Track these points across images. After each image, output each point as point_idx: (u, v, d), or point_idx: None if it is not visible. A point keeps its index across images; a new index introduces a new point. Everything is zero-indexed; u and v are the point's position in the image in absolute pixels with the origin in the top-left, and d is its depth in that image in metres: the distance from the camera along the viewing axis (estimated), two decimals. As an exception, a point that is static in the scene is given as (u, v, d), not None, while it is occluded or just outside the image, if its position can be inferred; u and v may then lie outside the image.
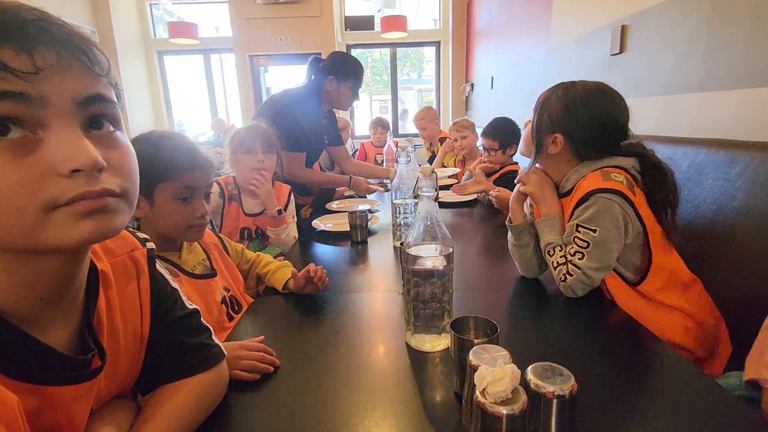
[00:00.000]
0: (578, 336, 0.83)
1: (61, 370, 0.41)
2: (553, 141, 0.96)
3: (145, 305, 0.54)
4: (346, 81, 1.86)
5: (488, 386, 0.46)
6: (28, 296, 0.39)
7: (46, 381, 0.39)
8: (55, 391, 0.40)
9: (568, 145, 0.95)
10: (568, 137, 0.95)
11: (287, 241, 1.42)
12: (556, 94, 0.97)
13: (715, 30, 1.39)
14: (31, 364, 0.38)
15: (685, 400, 0.62)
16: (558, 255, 0.93)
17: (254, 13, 4.63)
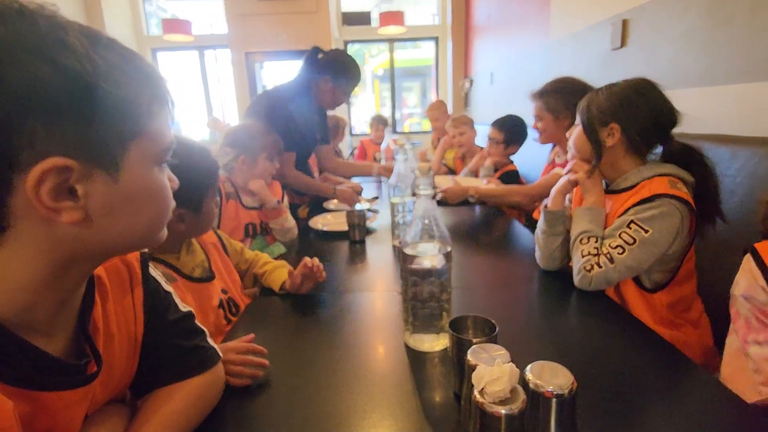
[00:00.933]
0: (578, 335, 0.82)
1: (57, 375, 0.41)
2: (609, 133, 0.97)
3: (139, 309, 0.53)
4: (342, 83, 1.82)
5: (487, 385, 0.45)
6: (51, 300, 0.40)
7: (42, 386, 0.39)
8: (50, 397, 0.39)
9: (624, 135, 0.96)
10: (624, 127, 0.95)
11: (291, 229, 1.46)
12: (601, 92, 0.99)
13: (714, 24, 1.38)
14: (27, 369, 0.38)
15: (689, 399, 0.61)
16: (591, 245, 0.93)
17: (249, 8, 4.60)
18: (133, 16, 5.15)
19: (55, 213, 0.34)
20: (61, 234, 0.36)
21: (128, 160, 0.38)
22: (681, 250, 0.92)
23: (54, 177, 0.33)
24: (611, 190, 1.02)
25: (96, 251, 0.41)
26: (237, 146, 1.41)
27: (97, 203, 0.36)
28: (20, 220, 0.34)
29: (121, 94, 0.36)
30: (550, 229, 1.04)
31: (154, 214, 0.42)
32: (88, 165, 0.35)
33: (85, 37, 0.35)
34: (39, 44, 0.32)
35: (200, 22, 5.07)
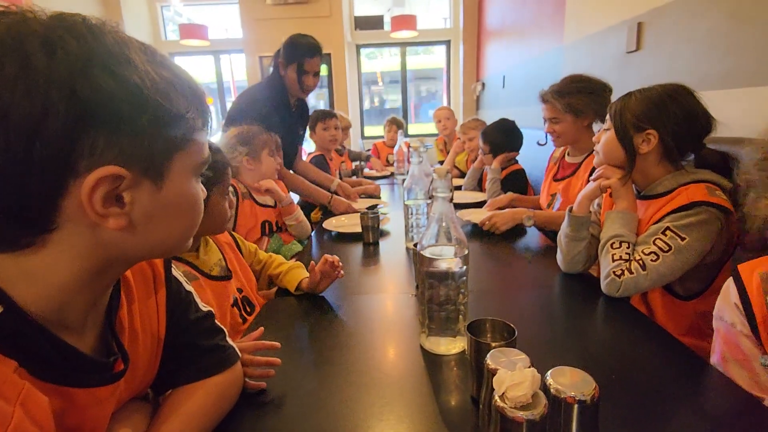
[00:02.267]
0: (599, 342, 0.81)
1: (88, 372, 0.42)
2: (644, 139, 0.94)
3: (162, 309, 0.54)
4: (301, 62, 1.71)
5: (508, 390, 0.45)
6: (85, 300, 0.41)
7: (73, 383, 0.40)
8: (80, 393, 0.40)
9: (661, 142, 0.93)
10: (661, 133, 0.93)
11: (303, 222, 1.53)
12: (635, 97, 0.96)
13: (738, 24, 1.36)
14: (60, 366, 0.39)
15: (716, 411, 0.60)
16: (623, 249, 0.91)
17: (264, 14, 4.65)
18: (152, 22, 5.25)
19: (102, 218, 0.36)
20: (103, 238, 0.37)
21: (172, 171, 0.39)
22: (719, 258, 0.89)
23: (107, 184, 0.35)
24: (644, 195, 0.99)
25: (132, 256, 0.42)
26: (239, 148, 1.43)
27: (140, 210, 0.38)
28: (68, 223, 0.36)
29: (172, 109, 0.38)
30: (574, 234, 1.03)
31: (189, 222, 0.44)
32: (137, 174, 0.37)
33: (144, 53, 0.37)
34: (106, 59, 0.34)
35: (216, 27, 5.15)
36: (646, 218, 0.96)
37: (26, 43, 0.32)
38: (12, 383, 0.34)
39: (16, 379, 0.34)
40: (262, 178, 1.48)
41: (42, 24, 0.33)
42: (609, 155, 1.01)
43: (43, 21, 0.33)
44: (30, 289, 0.36)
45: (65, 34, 0.33)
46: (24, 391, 0.34)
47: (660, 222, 0.90)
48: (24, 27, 0.32)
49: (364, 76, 5.58)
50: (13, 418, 0.32)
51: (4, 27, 0.32)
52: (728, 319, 0.66)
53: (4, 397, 0.32)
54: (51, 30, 0.33)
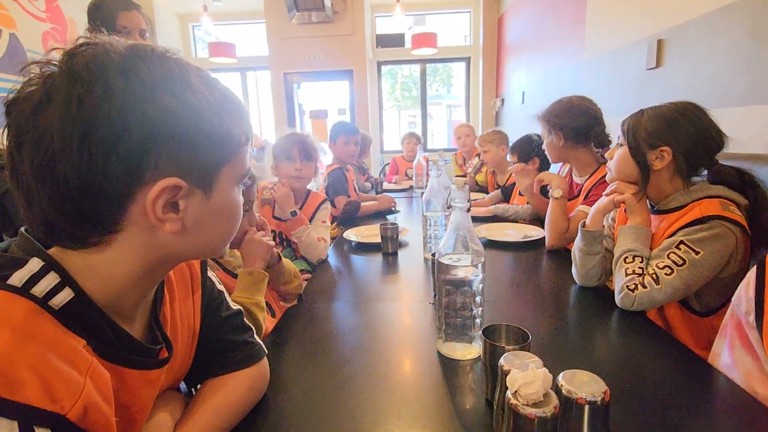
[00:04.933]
0: (614, 352, 0.82)
1: (140, 355, 0.47)
2: (657, 156, 0.96)
3: (197, 307, 0.60)
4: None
5: (520, 388, 0.47)
6: (138, 293, 0.47)
7: (128, 364, 0.45)
8: (133, 374, 0.45)
9: (674, 159, 0.95)
10: (674, 150, 0.94)
11: (311, 243, 1.41)
12: (647, 115, 0.98)
13: (758, 42, 1.36)
14: (117, 348, 0.44)
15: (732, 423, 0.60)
16: (636, 264, 0.92)
17: (289, 32, 4.83)
18: (183, 40, 5.52)
19: (161, 222, 0.41)
20: (158, 241, 0.43)
21: (219, 182, 0.45)
22: (736, 273, 0.89)
23: (167, 193, 0.40)
24: (658, 210, 1.00)
25: (181, 256, 0.48)
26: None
27: (191, 216, 0.43)
28: (131, 226, 0.41)
29: (224, 127, 0.43)
30: (587, 248, 1.04)
31: (231, 227, 0.49)
32: (192, 185, 0.42)
33: (200, 77, 0.43)
34: (170, 83, 0.40)
35: (243, 46, 5.37)
36: (659, 233, 0.97)
37: (109, 70, 0.37)
38: (83, 358, 0.38)
39: (86, 354, 0.39)
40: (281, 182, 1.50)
41: (119, 54, 0.39)
42: (622, 171, 1.02)
43: (120, 51, 0.39)
44: (94, 281, 0.42)
45: (138, 62, 0.39)
46: (92, 366, 0.39)
47: (673, 236, 0.90)
48: (106, 57, 0.38)
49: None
50: (85, 387, 0.37)
51: (90, 57, 0.38)
52: (744, 308, 0.67)
53: (77, 368, 0.37)
54: (126, 59, 0.38)
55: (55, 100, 0.36)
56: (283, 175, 1.51)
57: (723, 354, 0.71)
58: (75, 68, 0.37)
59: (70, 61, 0.38)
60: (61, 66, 0.38)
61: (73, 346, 0.38)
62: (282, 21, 4.77)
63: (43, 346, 0.36)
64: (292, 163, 1.50)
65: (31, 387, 0.33)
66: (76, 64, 0.37)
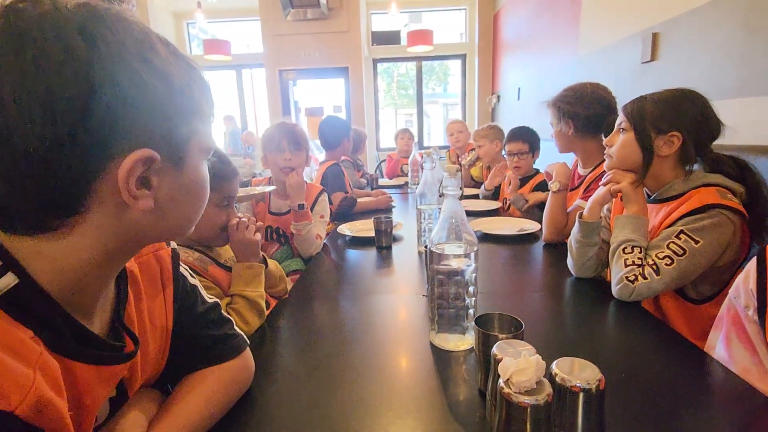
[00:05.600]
0: (608, 341, 0.81)
1: (97, 350, 0.42)
2: (666, 142, 0.93)
3: (169, 304, 0.56)
4: None
5: (512, 376, 0.46)
6: (97, 284, 0.42)
7: (82, 358, 0.40)
8: (85, 369, 0.41)
9: (682, 144, 0.93)
10: (684, 135, 0.92)
11: (308, 238, 1.40)
12: (651, 100, 0.95)
13: (752, 34, 1.36)
14: (69, 340, 0.39)
15: (728, 411, 0.59)
16: (635, 254, 0.90)
17: (284, 29, 4.81)
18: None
19: (134, 200, 0.37)
20: (128, 220, 0.39)
21: (189, 155, 0.42)
22: (732, 261, 0.89)
23: (141, 166, 0.37)
24: (654, 199, 0.99)
25: (149, 236, 0.44)
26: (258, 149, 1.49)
27: (164, 192, 0.40)
28: (98, 206, 0.37)
29: (191, 96, 0.40)
30: (584, 240, 1.03)
31: (200, 203, 0.46)
32: (164, 158, 0.39)
33: (162, 42, 0.39)
34: (138, 47, 0.36)
35: (238, 43, 5.34)
36: (657, 222, 0.96)
37: (66, 31, 0.33)
38: (30, 347, 0.35)
39: (34, 345, 0.35)
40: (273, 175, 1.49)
41: (73, 12, 0.34)
42: (625, 158, 0.99)
43: (73, 9, 0.34)
44: (44, 268, 0.37)
45: (99, 24, 0.35)
46: (41, 357, 0.35)
47: (673, 226, 0.89)
48: (58, 14, 0.34)
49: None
50: (35, 380, 0.33)
51: (38, 14, 0.33)
52: (743, 302, 0.66)
53: (24, 361, 0.33)
54: (84, 19, 0.34)
55: (2, 66, 0.32)
56: (274, 165, 1.47)
57: (718, 347, 0.70)
58: (22, 26, 0.32)
59: (14, 18, 0.33)
60: (2, 25, 0.33)
61: (17, 336, 0.34)
62: (277, 18, 4.75)
63: None
64: (282, 154, 1.45)
65: None
66: (23, 22, 0.33)
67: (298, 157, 1.47)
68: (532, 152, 2.01)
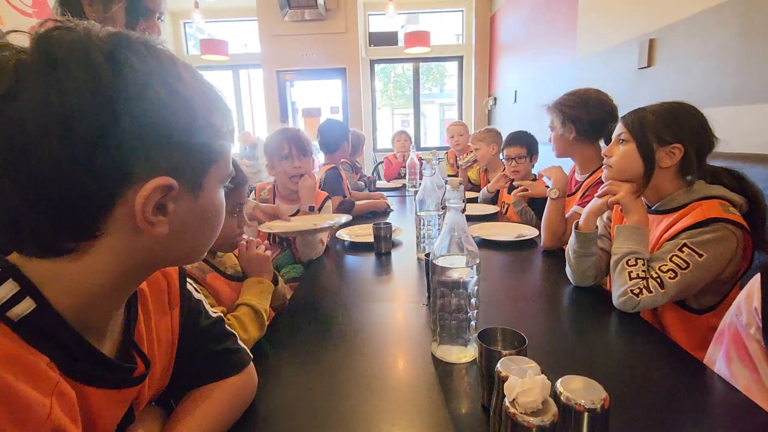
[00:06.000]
0: (609, 353, 0.81)
1: (110, 373, 0.43)
2: (667, 153, 0.94)
3: (176, 321, 0.56)
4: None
5: (518, 396, 0.46)
6: (110, 305, 0.43)
7: (95, 383, 0.41)
8: (98, 394, 0.41)
9: (684, 156, 0.93)
10: (686, 146, 0.93)
11: (313, 241, 1.40)
12: (651, 112, 0.96)
13: (748, 42, 1.37)
14: (84, 365, 0.40)
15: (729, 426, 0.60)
16: (639, 267, 0.90)
17: (282, 30, 4.79)
18: (175, 37, 5.45)
19: (150, 226, 0.38)
20: (142, 245, 0.39)
21: (207, 182, 0.42)
22: (734, 272, 0.89)
23: (159, 193, 0.37)
24: (655, 210, 0.99)
25: (162, 261, 0.44)
26: (261, 155, 1.49)
27: (179, 219, 0.40)
28: (113, 230, 0.37)
29: (214, 124, 0.41)
30: (582, 250, 1.03)
31: (214, 230, 0.46)
32: (182, 185, 0.39)
33: (188, 70, 0.40)
34: (163, 75, 0.37)
35: (235, 43, 5.31)
36: (658, 233, 0.96)
37: (93, 56, 0.34)
38: (47, 376, 0.35)
39: (51, 372, 0.35)
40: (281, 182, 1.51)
41: (101, 40, 0.35)
42: (625, 169, 0.99)
43: (102, 37, 0.35)
44: (60, 291, 0.37)
45: (125, 50, 0.35)
46: (58, 385, 0.35)
47: (675, 238, 0.89)
48: (88, 41, 0.34)
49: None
50: (51, 409, 0.33)
51: (70, 40, 0.34)
52: (744, 320, 0.66)
53: (40, 390, 0.34)
54: (113, 46, 0.35)
55: (28, 87, 0.32)
56: (282, 173, 1.48)
57: (719, 364, 0.70)
58: (52, 51, 0.33)
59: (46, 43, 0.34)
60: (33, 50, 0.33)
61: (36, 364, 0.34)
62: (274, 18, 4.73)
63: (2, 365, 0.32)
64: (290, 162, 1.46)
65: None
66: (54, 47, 0.33)
67: (306, 164, 1.49)
68: (530, 156, 2.02)
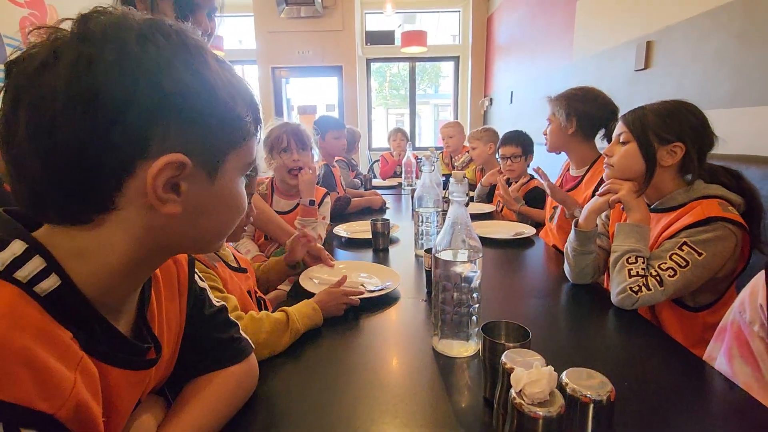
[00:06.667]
0: (611, 348, 0.81)
1: (127, 353, 0.43)
2: (669, 152, 0.95)
3: (183, 307, 0.56)
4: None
5: (525, 387, 0.46)
6: (128, 285, 0.43)
7: (115, 362, 0.41)
8: (117, 373, 0.42)
9: (685, 155, 0.94)
10: (687, 145, 0.93)
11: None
12: (651, 111, 0.96)
13: (745, 45, 1.38)
14: (104, 344, 0.40)
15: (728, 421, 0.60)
16: (639, 265, 0.90)
17: (278, 26, 4.77)
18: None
19: (161, 203, 0.38)
20: (155, 224, 0.39)
21: (225, 167, 0.42)
22: (731, 271, 0.90)
23: (171, 170, 0.37)
24: (655, 209, 1.00)
25: (176, 244, 0.44)
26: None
27: (192, 200, 0.40)
28: (127, 205, 0.38)
29: (236, 110, 0.41)
30: (581, 248, 1.03)
31: (230, 218, 0.46)
32: (197, 166, 0.39)
33: (216, 59, 0.41)
34: (188, 57, 0.38)
35: (230, 39, 5.27)
36: (657, 231, 0.96)
37: (124, 35, 0.35)
38: (73, 351, 0.35)
39: (76, 347, 0.36)
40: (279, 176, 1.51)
41: (137, 22, 0.37)
42: (627, 168, 0.99)
43: (139, 20, 0.37)
44: (82, 268, 0.38)
45: (156, 32, 0.37)
46: (82, 360, 0.36)
47: (675, 237, 0.90)
48: (123, 22, 0.36)
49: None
50: (75, 383, 0.34)
51: (106, 21, 0.36)
52: (748, 317, 0.66)
53: (66, 364, 0.34)
54: (145, 27, 0.37)
55: (63, 60, 0.34)
56: (281, 166, 1.47)
57: (719, 360, 0.71)
58: (89, 29, 0.35)
59: (85, 23, 0.36)
60: (73, 28, 0.36)
61: (62, 338, 0.35)
62: (271, 15, 4.70)
63: (32, 336, 0.32)
64: (289, 155, 1.47)
65: (21, 383, 0.30)
66: (91, 26, 0.35)
67: (305, 157, 1.48)
68: (525, 156, 2.03)
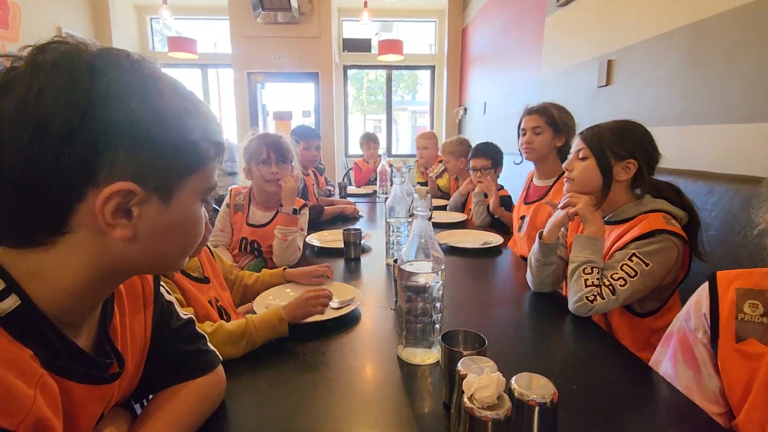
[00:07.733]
0: (562, 353, 0.86)
1: (88, 368, 0.44)
2: (623, 168, 1.01)
3: (149, 321, 0.57)
4: None
5: (476, 392, 0.49)
6: (87, 303, 0.44)
7: (76, 378, 0.42)
8: (78, 389, 0.42)
9: (637, 171, 1.01)
10: (641, 163, 1.00)
11: (291, 246, 1.38)
12: (607, 129, 1.04)
13: (693, 68, 1.49)
14: (64, 359, 0.41)
15: (667, 420, 0.65)
16: (594, 275, 0.96)
17: (254, 31, 4.74)
18: (140, 33, 5.28)
19: (110, 228, 0.39)
20: (109, 247, 0.41)
21: (180, 192, 0.43)
22: (673, 279, 0.97)
23: (120, 198, 0.39)
24: (608, 221, 1.07)
25: (134, 266, 0.45)
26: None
27: (145, 225, 0.42)
28: (79, 228, 0.39)
29: (190, 137, 0.42)
30: (544, 259, 1.09)
31: (189, 242, 0.47)
32: (149, 191, 0.40)
33: (171, 86, 0.43)
34: (139, 88, 0.39)
35: (205, 42, 5.20)
36: (610, 242, 1.03)
37: (76, 66, 0.37)
38: (32, 369, 0.36)
39: (35, 365, 0.37)
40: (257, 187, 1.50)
41: (91, 54, 0.38)
42: (586, 182, 1.06)
43: (92, 51, 0.39)
44: (41, 288, 0.39)
45: (109, 64, 0.38)
46: (42, 378, 0.37)
47: (625, 248, 0.97)
48: (76, 54, 0.38)
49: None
50: (35, 400, 0.35)
51: (60, 52, 0.37)
52: (693, 325, 0.71)
53: (25, 381, 0.35)
54: (97, 59, 0.38)
55: (14, 89, 0.35)
56: (259, 178, 1.46)
57: (665, 364, 0.76)
58: (41, 61, 0.36)
59: (38, 55, 0.37)
60: (27, 59, 0.37)
61: (21, 356, 0.36)
62: (246, 19, 4.67)
63: None
64: (268, 167, 1.45)
65: None
66: (44, 58, 0.37)
67: (284, 170, 1.47)
68: (494, 168, 2.11)
